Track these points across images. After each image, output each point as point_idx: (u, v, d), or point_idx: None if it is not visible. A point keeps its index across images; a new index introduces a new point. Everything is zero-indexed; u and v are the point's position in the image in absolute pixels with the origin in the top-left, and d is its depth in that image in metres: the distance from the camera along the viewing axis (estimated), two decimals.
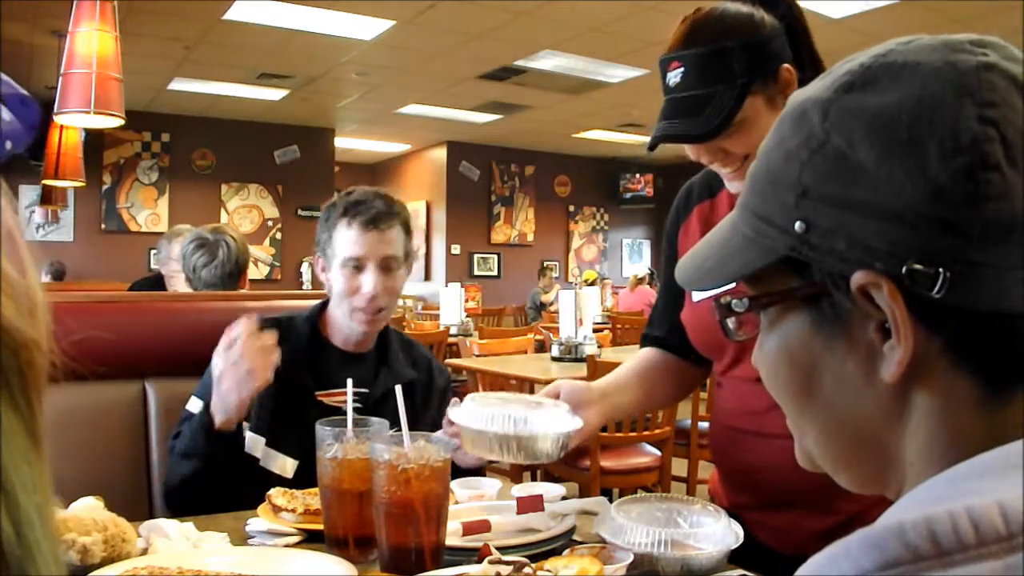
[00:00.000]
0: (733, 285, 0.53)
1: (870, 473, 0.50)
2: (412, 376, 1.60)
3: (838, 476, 0.52)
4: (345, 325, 1.57)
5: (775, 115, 1.15)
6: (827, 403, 0.50)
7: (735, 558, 1.07)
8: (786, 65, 1.14)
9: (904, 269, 0.42)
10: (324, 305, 1.64)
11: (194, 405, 1.47)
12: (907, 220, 0.42)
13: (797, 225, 0.46)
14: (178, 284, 3.18)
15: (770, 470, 1.21)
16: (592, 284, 8.40)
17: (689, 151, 1.20)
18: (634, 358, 1.46)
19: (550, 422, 1.13)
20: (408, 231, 1.59)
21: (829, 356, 0.48)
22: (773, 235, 0.47)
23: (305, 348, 1.57)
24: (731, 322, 0.52)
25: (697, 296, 1.29)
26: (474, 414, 1.12)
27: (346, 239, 1.52)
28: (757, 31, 1.13)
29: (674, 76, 1.15)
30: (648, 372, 1.43)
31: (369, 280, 1.52)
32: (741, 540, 1.07)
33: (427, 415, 1.56)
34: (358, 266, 1.52)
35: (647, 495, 1.23)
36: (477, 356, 4.53)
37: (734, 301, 0.51)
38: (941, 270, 0.42)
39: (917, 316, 0.43)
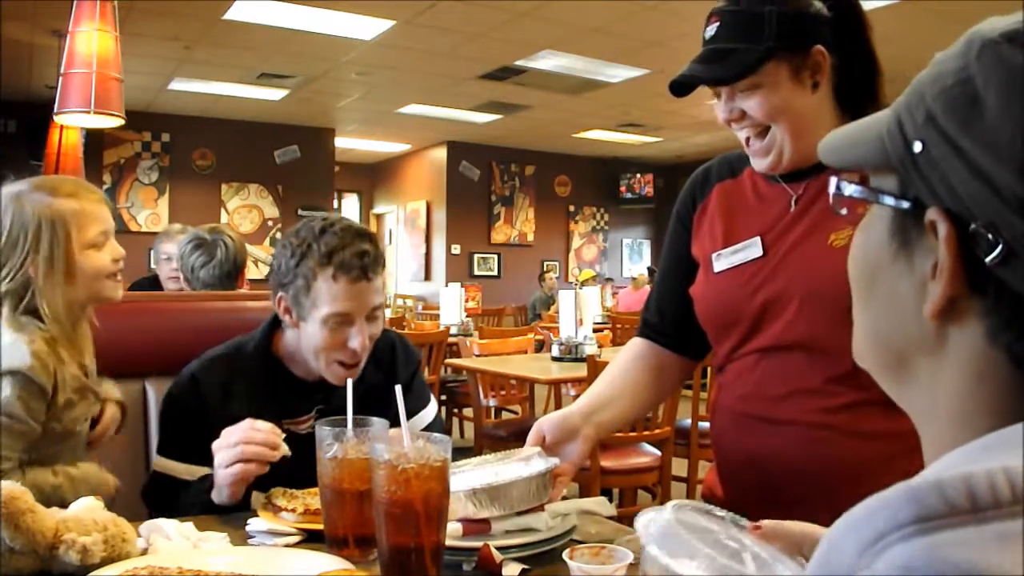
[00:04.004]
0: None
1: (902, 389, 0.52)
2: (376, 381, 1.50)
3: (877, 377, 0.55)
4: (313, 366, 1.46)
5: (798, 91, 1.19)
6: (880, 308, 0.52)
7: None
8: (820, 47, 1.17)
9: (972, 226, 0.43)
10: (273, 325, 1.51)
11: (158, 464, 1.45)
12: (992, 184, 0.43)
13: (916, 144, 0.47)
14: (171, 285, 3.17)
15: (777, 459, 1.21)
16: (586, 283, 8.37)
17: (717, 109, 1.24)
18: (619, 358, 1.47)
19: (520, 468, 1.16)
20: (384, 261, 1.46)
21: (893, 268, 0.50)
22: (898, 143, 0.48)
23: (261, 380, 1.47)
24: (840, 202, 0.54)
25: (719, 266, 1.30)
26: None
27: (329, 294, 1.37)
28: (798, 5, 1.17)
29: (710, 29, 1.20)
30: (631, 375, 1.43)
31: (357, 335, 1.40)
32: None
33: (388, 415, 1.28)
34: (344, 322, 1.39)
35: (705, 514, 0.88)
36: (477, 356, 4.53)
37: (844, 185, 0.53)
38: (1000, 242, 0.43)
39: (967, 270, 0.45)
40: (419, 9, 5.72)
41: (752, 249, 1.26)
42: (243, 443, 1.26)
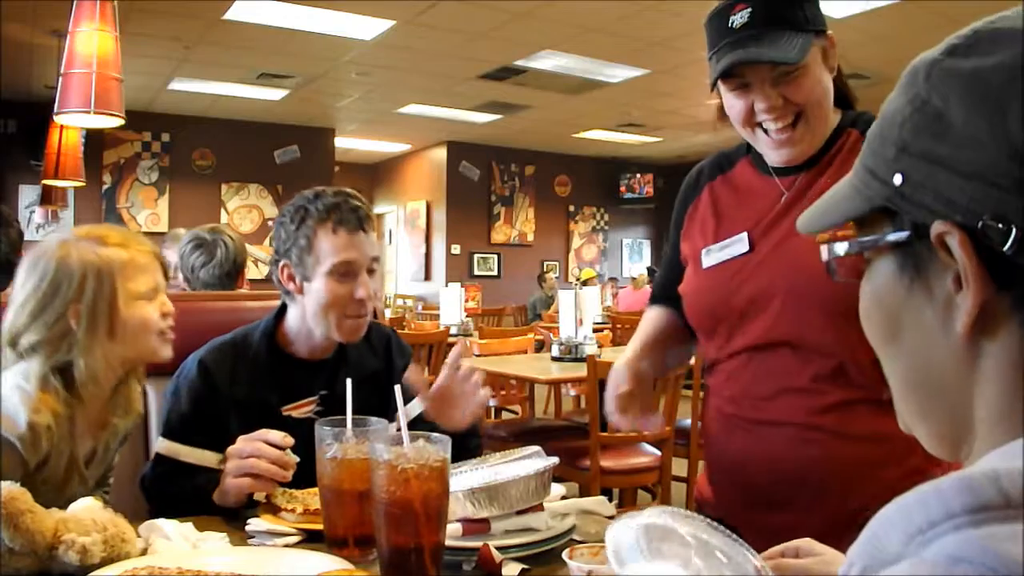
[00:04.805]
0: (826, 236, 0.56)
1: (945, 429, 0.51)
2: (374, 367, 1.60)
3: (918, 431, 0.54)
4: (318, 334, 1.52)
5: (826, 73, 1.20)
6: (908, 350, 0.52)
7: None
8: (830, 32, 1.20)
9: (980, 224, 0.44)
10: (278, 316, 1.58)
11: (163, 446, 1.47)
12: (986, 178, 0.44)
13: (896, 178, 0.48)
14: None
15: (767, 461, 1.21)
16: (587, 283, 8.35)
17: (739, 103, 1.21)
18: (645, 323, 1.48)
19: (518, 468, 1.16)
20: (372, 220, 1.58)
21: (911, 303, 0.50)
22: (875, 186, 0.50)
23: (265, 364, 1.53)
24: (835, 264, 0.55)
25: (707, 262, 1.30)
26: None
27: (333, 245, 1.45)
28: None
29: (740, 17, 1.16)
30: (662, 332, 1.45)
31: (361, 285, 1.48)
32: None
33: (390, 402, 1.34)
34: (348, 272, 1.47)
35: (679, 520, 0.85)
36: (477, 356, 4.53)
37: (836, 245, 0.54)
38: (1013, 228, 0.43)
39: (989, 269, 0.45)
40: (419, 9, 5.72)
41: (738, 245, 1.26)
42: (255, 457, 1.28)
